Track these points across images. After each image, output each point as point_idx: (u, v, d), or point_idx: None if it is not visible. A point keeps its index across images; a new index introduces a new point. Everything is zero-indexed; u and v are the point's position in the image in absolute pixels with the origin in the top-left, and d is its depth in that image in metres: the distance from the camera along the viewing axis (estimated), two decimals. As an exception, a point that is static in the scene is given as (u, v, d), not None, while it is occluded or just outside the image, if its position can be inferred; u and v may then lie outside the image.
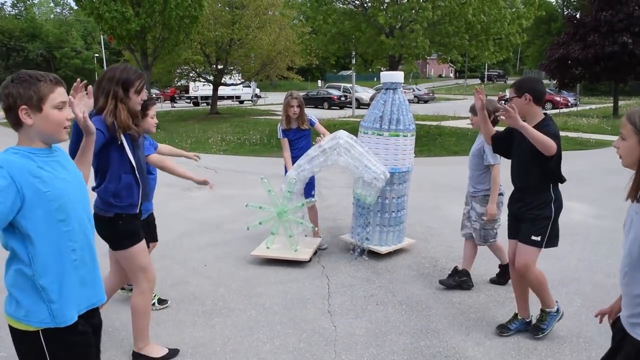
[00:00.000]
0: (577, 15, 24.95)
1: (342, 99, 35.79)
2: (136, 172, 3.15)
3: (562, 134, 4.32)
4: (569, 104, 32.54)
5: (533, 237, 3.51)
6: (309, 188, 5.55)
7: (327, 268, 5.18)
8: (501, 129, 3.77)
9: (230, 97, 41.86)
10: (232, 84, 32.82)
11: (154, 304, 4.15)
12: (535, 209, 3.51)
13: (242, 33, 25.90)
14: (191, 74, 30.27)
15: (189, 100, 42.10)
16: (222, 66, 28.45)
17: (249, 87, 41.78)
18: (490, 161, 4.30)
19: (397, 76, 5.38)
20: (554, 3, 59.91)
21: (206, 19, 24.12)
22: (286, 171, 5.47)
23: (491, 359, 3.46)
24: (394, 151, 5.27)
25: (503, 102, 18.97)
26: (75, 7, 23.99)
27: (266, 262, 5.30)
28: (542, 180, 3.47)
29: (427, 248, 5.75)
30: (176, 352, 3.54)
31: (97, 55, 60.17)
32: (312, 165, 5.14)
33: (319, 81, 52.74)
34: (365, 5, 16.47)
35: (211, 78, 29.32)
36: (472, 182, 4.51)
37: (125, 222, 3.18)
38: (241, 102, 43.08)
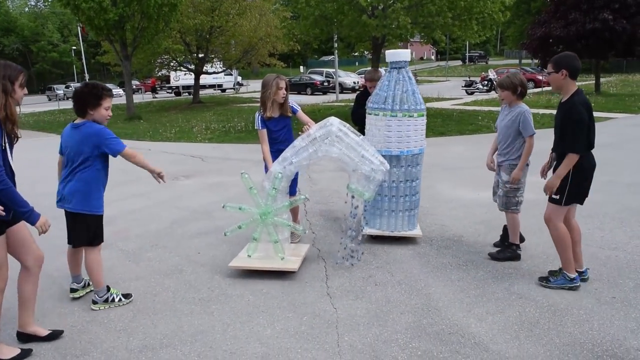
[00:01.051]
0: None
1: (325, 84, 35.69)
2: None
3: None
4: (554, 91, 32.60)
5: (553, 196, 4.01)
6: (292, 184, 4.95)
7: (323, 251, 5.12)
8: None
9: (212, 86, 41.50)
10: (214, 73, 32.46)
11: (120, 299, 4.04)
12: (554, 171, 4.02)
13: (222, 20, 25.57)
14: (172, 64, 29.88)
15: (170, 90, 41.68)
16: (202, 55, 28.11)
17: (231, 75, 41.42)
18: (529, 132, 4.51)
19: (403, 54, 5.12)
20: (533, -18, 59.84)
21: (185, 7, 23.74)
22: (266, 168, 4.82)
23: (494, 334, 3.43)
24: (405, 132, 5.01)
25: (486, 81, 18.94)
26: (50, -1, 23.44)
27: (260, 248, 5.22)
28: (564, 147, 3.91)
29: (422, 228, 5.71)
30: (29, 353, 3.38)
31: (74, 47, 59.17)
32: (299, 157, 4.43)
33: (301, 67, 52.51)
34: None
35: (192, 67, 28.97)
36: (500, 152, 4.76)
37: None
38: (223, 90, 42.73)
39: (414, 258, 4.85)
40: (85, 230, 3.87)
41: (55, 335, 3.57)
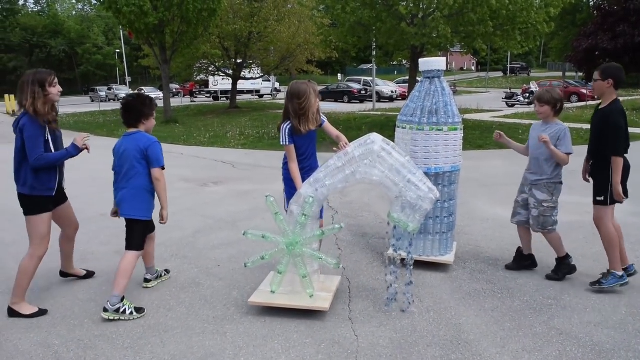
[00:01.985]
0: (606, 5, 24.10)
1: (363, 92, 35.44)
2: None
3: (589, 127, 4.51)
4: (596, 96, 31.63)
5: (597, 198, 4.29)
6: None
7: (348, 269, 4.85)
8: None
9: (249, 92, 41.70)
10: (252, 78, 32.56)
11: (131, 312, 3.88)
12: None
13: (261, 26, 25.58)
14: (210, 68, 30.09)
15: (208, 95, 42.05)
16: (241, 60, 28.19)
17: (269, 81, 41.56)
18: (568, 149, 4.41)
19: (436, 63, 4.69)
20: (579, -7, 58.44)
21: (225, 12, 23.85)
22: (288, 190, 4.22)
23: (531, 375, 3.10)
24: (433, 147, 4.59)
25: (527, 94, 18.51)
26: (95, 3, 23.93)
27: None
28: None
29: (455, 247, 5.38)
30: (45, 312, 3.96)
31: (117, 51, 60.53)
32: (334, 179, 3.76)
33: (339, 75, 52.44)
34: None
35: (230, 72, 29.09)
36: (534, 169, 4.58)
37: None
38: (261, 96, 42.90)
39: (445, 282, 4.52)
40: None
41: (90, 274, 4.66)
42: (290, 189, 4.15)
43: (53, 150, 3.85)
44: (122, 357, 3.34)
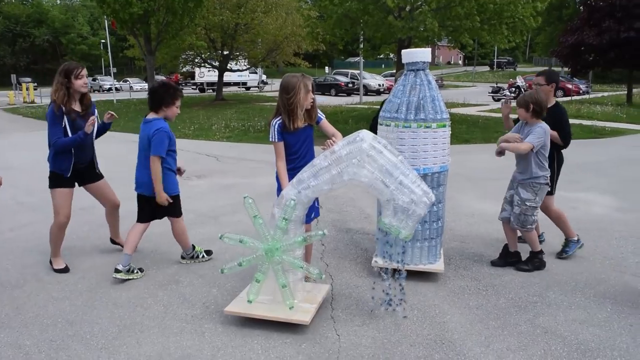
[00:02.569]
0: (592, 1, 24.15)
1: (350, 85, 35.33)
2: None
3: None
4: (581, 91, 31.83)
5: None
6: (309, 210, 3.87)
7: (331, 266, 4.76)
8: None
9: (236, 84, 41.40)
10: (238, 70, 32.28)
11: (203, 256, 4.89)
12: None
13: (247, 17, 25.34)
14: (196, 60, 29.78)
15: (194, 87, 41.67)
16: (227, 52, 27.93)
17: (255, 73, 41.28)
18: (532, 141, 4.44)
19: (420, 54, 4.30)
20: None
21: (211, 3, 23.58)
22: (280, 190, 3.85)
23: (515, 376, 3.04)
24: (421, 146, 4.24)
25: (514, 88, 18.59)
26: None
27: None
28: None
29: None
30: (67, 270, 4.58)
31: (103, 41, 59.69)
32: (319, 180, 3.45)
33: (327, 68, 52.18)
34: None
35: (216, 64, 28.82)
36: (521, 169, 4.61)
37: None
38: (247, 88, 42.62)
39: (429, 279, 4.44)
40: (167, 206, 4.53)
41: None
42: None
43: (70, 135, 4.30)
44: (95, 358, 3.23)
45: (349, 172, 3.38)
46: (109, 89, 40.20)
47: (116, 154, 10.14)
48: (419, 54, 4.31)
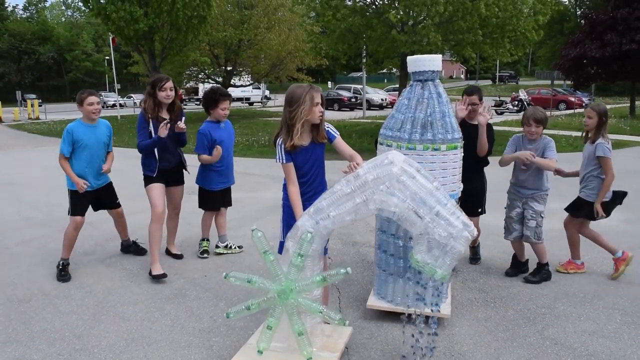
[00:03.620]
0: (593, 14, 24.27)
1: (353, 100, 35.44)
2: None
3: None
4: (583, 104, 31.90)
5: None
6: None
7: (348, 275, 4.74)
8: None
9: (239, 99, 41.60)
10: (242, 86, 32.48)
11: (236, 247, 5.60)
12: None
13: (251, 33, 25.58)
14: (200, 76, 29.99)
15: (198, 102, 41.90)
16: (231, 67, 28.14)
17: (259, 88, 41.48)
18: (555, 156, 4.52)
19: (429, 62, 3.67)
20: (566, 3, 59.09)
21: (215, 20, 23.79)
22: (285, 220, 3.45)
23: (526, 388, 3.01)
24: (428, 172, 3.34)
25: (516, 101, 18.62)
26: (85, 9, 23.81)
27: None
28: None
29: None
30: (165, 276, 4.68)
31: (107, 57, 60.22)
32: (341, 210, 2.95)
33: (329, 82, 52.34)
34: (377, 2, 16.05)
35: (220, 79, 29.00)
36: (529, 184, 4.58)
37: None
38: (251, 103, 42.81)
39: (437, 291, 4.42)
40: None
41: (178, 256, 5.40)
42: (289, 218, 3.39)
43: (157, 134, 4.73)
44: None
45: (375, 201, 2.90)
46: (113, 105, 40.43)
47: (118, 169, 10.16)
48: (428, 62, 3.68)
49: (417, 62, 3.71)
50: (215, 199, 5.39)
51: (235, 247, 5.58)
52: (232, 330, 3.74)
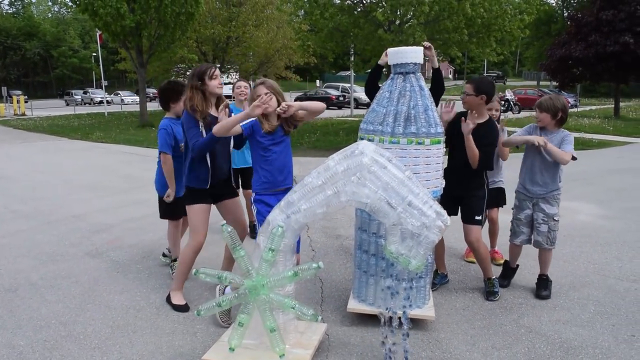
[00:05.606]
0: (579, 15, 24.58)
1: (341, 98, 35.55)
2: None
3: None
4: (569, 104, 32.22)
5: (477, 218, 4.12)
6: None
7: (321, 271, 4.83)
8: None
9: (227, 97, 41.37)
10: (229, 83, 32.42)
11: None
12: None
13: (239, 31, 25.60)
14: (187, 73, 29.91)
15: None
16: (219, 65, 28.10)
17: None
18: (571, 151, 4.04)
19: (410, 54, 3.57)
20: (553, 4, 59.73)
21: (203, 17, 23.79)
22: (259, 213, 3.48)
23: (500, 372, 3.13)
24: (412, 167, 3.42)
25: (503, 101, 18.74)
26: (72, 5, 23.63)
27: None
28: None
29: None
30: (187, 309, 3.97)
31: (94, 54, 59.83)
32: (312, 203, 2.94)
33: (317, 81, 52.48)
34: (364, 1, 16.16)
35: (208, 77, 28.93)
36: (541, 182, 4.15)
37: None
38: (239, 101, 42.67)
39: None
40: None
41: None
42: (260, 205, 3.51)
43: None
44: (89, 358, 3.28)
45: (347, 192, 2.86)
46: (100, 102, 40.20)
47: (104, 165, 10.18)
48: (410, 54, 3.57)
49: (399, 54, 3.62)
50: (179, 205, 4.52)
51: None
52: (215, 317, 3.82)
